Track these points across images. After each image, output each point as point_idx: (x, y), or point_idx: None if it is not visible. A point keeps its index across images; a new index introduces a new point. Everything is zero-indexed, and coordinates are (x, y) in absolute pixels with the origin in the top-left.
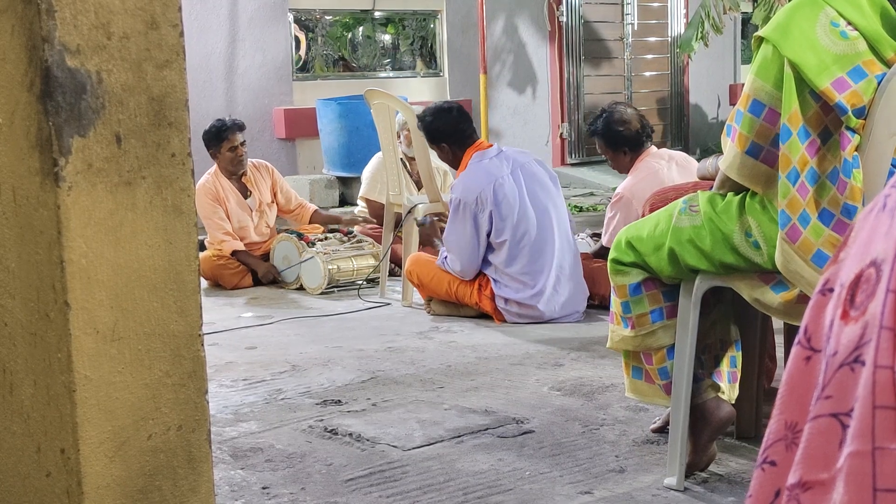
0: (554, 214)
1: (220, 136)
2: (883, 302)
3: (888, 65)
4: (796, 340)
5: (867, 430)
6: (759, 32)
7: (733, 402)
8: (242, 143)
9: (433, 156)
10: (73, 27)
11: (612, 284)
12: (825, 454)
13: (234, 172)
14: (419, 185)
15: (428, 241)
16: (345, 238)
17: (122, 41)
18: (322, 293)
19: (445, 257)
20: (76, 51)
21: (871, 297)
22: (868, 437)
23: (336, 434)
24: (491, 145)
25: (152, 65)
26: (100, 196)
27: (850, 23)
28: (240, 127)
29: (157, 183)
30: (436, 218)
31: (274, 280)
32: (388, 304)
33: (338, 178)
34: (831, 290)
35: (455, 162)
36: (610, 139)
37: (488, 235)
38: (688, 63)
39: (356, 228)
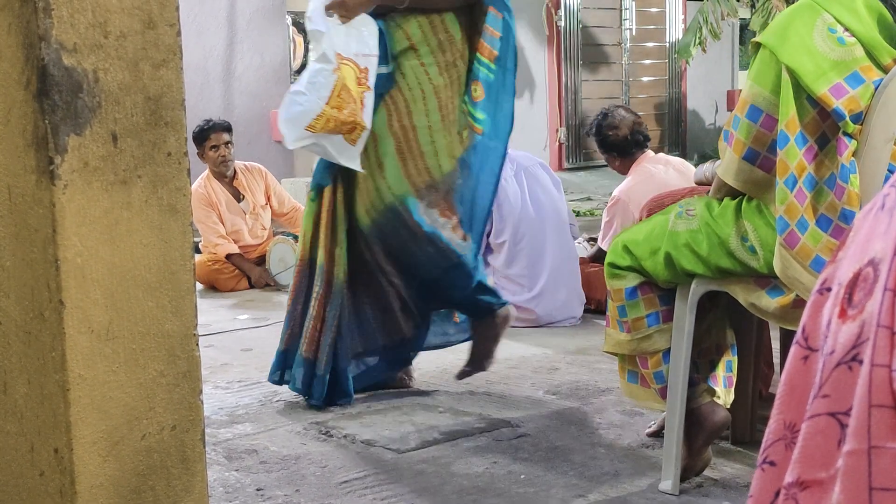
0: (554, 218)
1: (204, 135)
2: (880, 300)
3: (885, 70)
4: (794, 340)
5: (863, 428)
6: (757, 38)
7: (729, 406)
8: (227, 144)
9: None
10: (70, 26)
11: (608, 288)
12: (823, 453)
13: (222, 174)
14: None
15: None
16: None
17: (119, 40)
18: None
19: None
20: (73, 49)
21: (868, 296)
22: (864, 436)
23: (331, 436)
24: None
25: (149, 64)
26: (95, 195)
27: (847, 29)
28: (225, 127)
29: (152, 182)
30: None
31: (267, 284)
32: None
33: None
34: (829, 290)
35: None
36: (600, 143)
37: (488, 236)
38: (685, 68)
39: None
